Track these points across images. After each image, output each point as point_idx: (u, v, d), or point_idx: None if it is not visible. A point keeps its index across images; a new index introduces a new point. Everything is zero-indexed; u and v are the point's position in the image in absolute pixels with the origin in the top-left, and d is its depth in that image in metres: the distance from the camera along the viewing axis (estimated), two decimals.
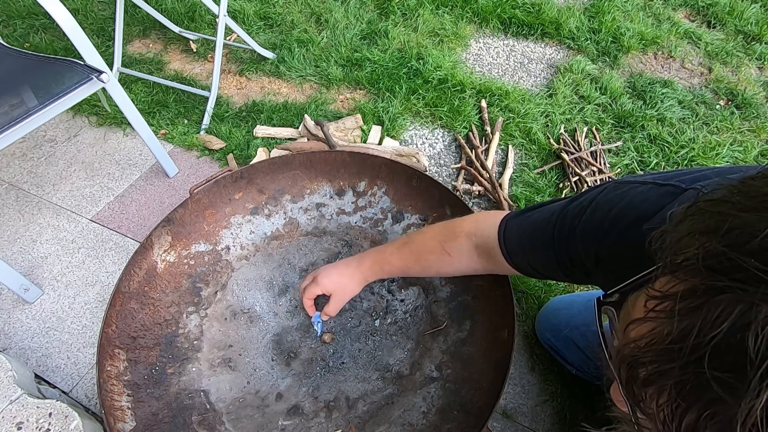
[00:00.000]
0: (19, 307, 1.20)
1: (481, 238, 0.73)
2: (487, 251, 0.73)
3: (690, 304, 0.26)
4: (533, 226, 0.65)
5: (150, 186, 1.45)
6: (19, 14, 1.98)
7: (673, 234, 0.30)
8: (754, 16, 1.88)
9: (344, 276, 0.89)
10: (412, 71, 1.69)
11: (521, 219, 0.68)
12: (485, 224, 0.73)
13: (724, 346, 0.24)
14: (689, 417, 0.25)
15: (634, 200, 0.50)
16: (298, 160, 1.12)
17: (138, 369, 0.90)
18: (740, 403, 0.22)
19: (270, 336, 1.02)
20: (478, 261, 0.76)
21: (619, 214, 0.51)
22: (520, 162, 1.46)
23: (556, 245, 0.60)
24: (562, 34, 1.84)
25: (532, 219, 0.66)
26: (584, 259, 0.56)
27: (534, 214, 0.66)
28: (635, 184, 0.52)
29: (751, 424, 0.22)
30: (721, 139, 1.49)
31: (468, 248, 0.76)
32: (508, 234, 0.69)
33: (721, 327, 0.24)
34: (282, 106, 1.61)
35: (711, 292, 0.25)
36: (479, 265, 0.77)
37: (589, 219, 0.55)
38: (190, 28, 1.89)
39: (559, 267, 0.61)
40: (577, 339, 0.94)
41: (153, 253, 1.00)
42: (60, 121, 1.63)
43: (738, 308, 0.23)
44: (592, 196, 0.56)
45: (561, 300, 1.07)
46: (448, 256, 0.78)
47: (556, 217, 0.60)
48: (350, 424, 0.89)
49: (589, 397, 1.01)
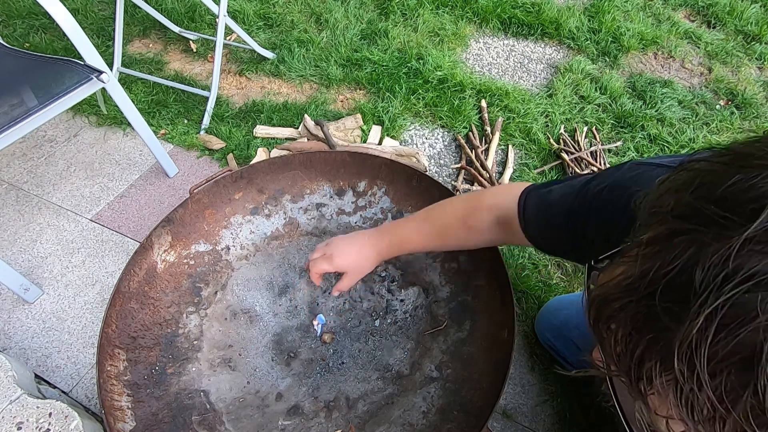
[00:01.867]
0: (19, 307, 1.20)
1: (502, 210, 0.73)
2: (507, 222, 0.72)
3: (653, 248, 0.28)
4: (553, 201, 0.64)
5: (150, 186, 1.45)
6: (19, 14, 1.98)
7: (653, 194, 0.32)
8: (754, 16, 1.88)
9: (360, 255, 0.85)
10: (412, 71, 1.69)
11: (542, 192, 0.68)
12: (507, 197, 0.73)
13: (676, 282, 0.26)
14: (639, 347, 0.27)
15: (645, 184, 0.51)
16: (298, 160, 1.12)
17: (138, 369, 0.90)
18: (681, 328, 0.25)
19: (270, 336, 1.02)
20: (497, 233, 0.76)
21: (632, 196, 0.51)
22: (520, 162, 1.46)
23: (572, 222, 0.59)
24: (562, 34, 1.84)
25: (552, 194, 0.65)
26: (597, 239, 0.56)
27: (555, 189, 0.66)
28: (651, 166, 0.52)
29: (686, 344, 0.24)
30: (721, 139, 1.49)
31: (489, 222, 0.75)
32: (528, 206, 0.68)
33: (674, 264, 0.26)
34: (282, 106, 1.61)
35: (672, 236, 0.27)
36: (498, 236, 0.77)
37: (607, 199, 0.54)
38: (190, 28, 1.89)
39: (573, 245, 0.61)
40: (577, 339, 0.94)
41: (153, 253, 1.00)
42: (60, 121, 1.63)
43: (692, 248, 0.26)
44: (610, 176, 0.56)
45: (561, 300, 1.07)
46: (469, 229, 0.77)
47: (576, 194, 0.60)
48: (350, 424, 0.89)
49: (589, 397, 1.01)
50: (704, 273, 0.25)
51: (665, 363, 0.26)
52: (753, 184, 0.26)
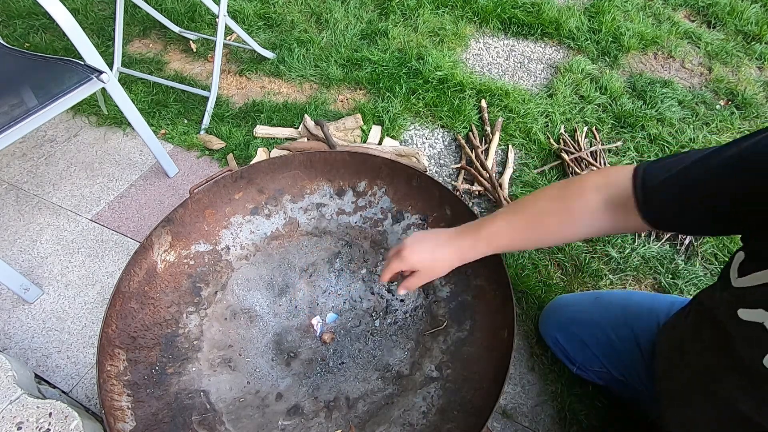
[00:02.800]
0: (19, 307, 1.20)
1: (613, 189, 0.65)
2: (619, 204, 0.65)
3: None
4: (689, 163, 0.58)
5: (150, 186, 1.45)
6: (19, 14, 1.98)
7: None
8: (754, 16, 1.88)
9: (434, 254, 0.77)
10: (412, 71, 1.69)
11: (666, 162, 0.61)
12: (616, 176, 0.66)
13: None
14: None
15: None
16: (298, 160, 1.12)
17: (138, 369, 0.90)
18: None
19: (270, 336, 1.02)
20: (604, 217, 0.67)
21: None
22: (520, 162, 1.46)
23: (732, 173, 0.53)
24: (562, 34, 1.84)
25: (681, 158, 0.60)
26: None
27: (678, 158, 0.60)
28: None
29: None
30: (722, 139, 1.49)
31: (596, 204, 0.67)
32: (648, 178, 0.61)
33: None
34: (282, 106, 1.61)
35: None
36: (605, 223, 0.68)
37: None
38: (190, 28, 1.89)
39: (724, 202, 0.55)
40: (585, 336, 0.93)
41: (153, 253, 1.00)
42: (60, 121, 1.63)
43: None
44: (758, 137, 0.51)
45: (567, 297, 1.06)
46: (571, 215, 0.69)
47: (722, 151, 0.55)
48: (350, 424, 0.89)
49: (590, 397, 1.01)
50: None
51: None
52: None
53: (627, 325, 0.87)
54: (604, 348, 0.91)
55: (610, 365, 0.91)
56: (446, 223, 1.06)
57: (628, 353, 0.87)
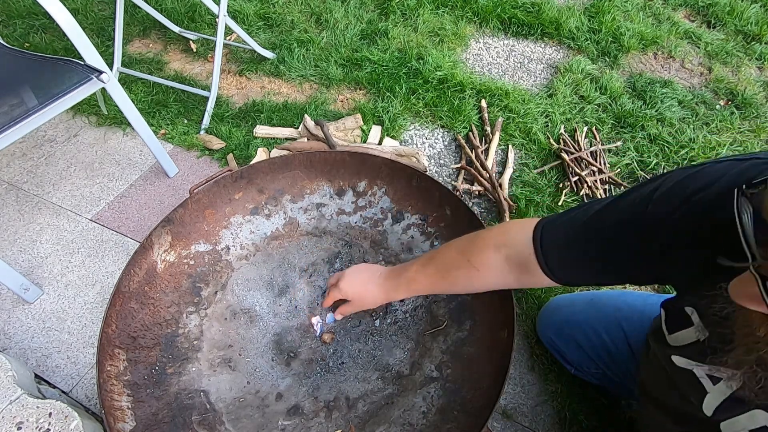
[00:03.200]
0: (19, 307, 1.20)
1: (512, 248, 0.68)
2: (520, 263, 0.67)
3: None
4: (582, 222, 0.59)
5: (150, 186, 1.45)
6: (19, 14, 1.98)
7: None
8: (754, 16, 1.88)
9: (365, 288, 0.87)
10: (412, 71, 1.69)
11: (563, 221, 0.63)
12: (516, 234, 0.67)
13: None
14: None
15: (713, 176, 0.48)
16: (298, 160, 1.12)
17: (138, 369, 0.90)
18: None
19: (270, 336, 1.02)
20: (509, 275, 0.70)
21: (698, 190, 0.48)
22: (520, 162, 1.46)
23: (623, 233, 0.54)
24: (562, 34, 1.84)
25: (577, 217, 0.61)
26: (666, 242, 0.51)
27: (575, 214, 0.61)
28: (706, 165, 0.49)
29: None
30: (721, 139, 1.49)
31: (497, 261, 0.70)
32: (546, 240, 0.63)
33: None
34: (282, 106, 1.61)
35: None
36: (511, 278, 0.71)
37: (663, 198, 0.50)
38: (190, 28, 1.89)
39: (621, 260, 0.56)
40: (579, 338, 0.93)
41: (153, 253, 1.00)
42: (60, 121, 1.63)
43: None
44: (654, 185, 0.52)
45: (562, 298, 1.07)
46: (476, 270, 0.72)
47: (615, 209, 0.56)
48: (350, 424, 0.89)
49: (589, 397, 1.01)
50: None
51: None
52: None
53: (619, 326, 0.87)
54: (598, 350, 0.91)
55: (605, 366, 0.91)
56: (446, 223, 1.07)
57: (621, 355, 0.87)
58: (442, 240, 1.07)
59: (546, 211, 1.32)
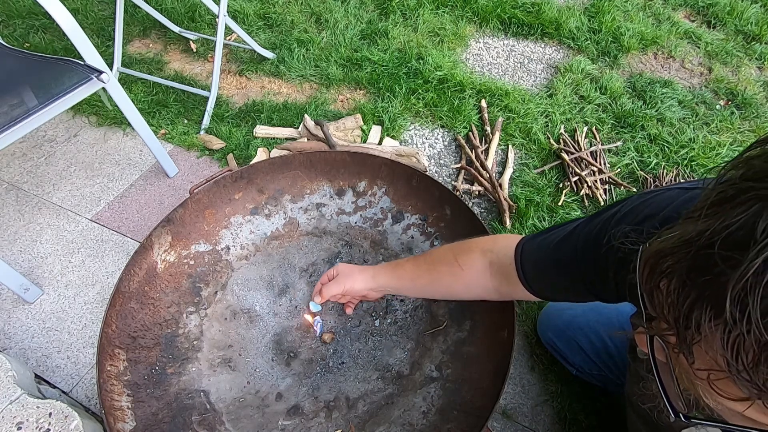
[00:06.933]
0: (19, 307, 1.20)
1: (496, 255, 0.71)
2: (502, 272, 0.70)
3: (716, 209, 0.29)
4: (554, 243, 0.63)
5: (150, 186, 1.45)
6: (19, 14, 1.98)
7: (725, 169, 0.32)
8: (754, 16, 1.88)
9: (356, 269, 0.88)
10: (412, 71, 1.69)
11: (539, 240, 0.66)
12: (502, 244, 0.71)
13: (736, 234, 0.26)
14: (692, 295, 0.28)
15: (660, 204, 0.50)
16: (298, 160, 1.12)
17: (138, 369, 0.90)
18: (736, 272, 0.25)
19: (270, 336, 1.02)
20: (490, 280, 0.73)
21: (647, 217, 0.50)
22: (520, 162, 1.46)
23: (582, 259, 0.58)
24: (562, 34, 1.84)
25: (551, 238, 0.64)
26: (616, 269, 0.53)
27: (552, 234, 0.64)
28: (661, 191, 0.51)
29: (741, 286, 0.25)
30: (721, 139, 1.49)
31: (481, 264, 0.73)
32: (525, 256, 0.66)
33: (737, 218, 0.26)
34: (282, 106, 1.61)
35: (738, 195, 0.28)
36: (491, 284, 0.74)
37: (617, 224, 0.53)
38: (190, 28, 1.89)
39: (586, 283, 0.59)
40: (581, 340, 0.93)
41: (153, 253, 1.00)
42: (60, 121, 1.63)
43: (757, 205, 0.26)
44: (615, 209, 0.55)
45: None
46: (460, 269, 0.75)
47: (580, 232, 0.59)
48: (350, 424, 0.89)
49: (589, 397, 1.01)
50: (767, 223, 0.25)
51: (716, 308, 0.26)
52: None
53: (621, 328, 0.88)
54: (599, 352, 0.91)
55: (606, 368, 0.91)
56: (446, 223, 1.07)
57: (622, 358, 0.87)
58: (442, 240, 1.07)
59: (546, 211, 1.32)
